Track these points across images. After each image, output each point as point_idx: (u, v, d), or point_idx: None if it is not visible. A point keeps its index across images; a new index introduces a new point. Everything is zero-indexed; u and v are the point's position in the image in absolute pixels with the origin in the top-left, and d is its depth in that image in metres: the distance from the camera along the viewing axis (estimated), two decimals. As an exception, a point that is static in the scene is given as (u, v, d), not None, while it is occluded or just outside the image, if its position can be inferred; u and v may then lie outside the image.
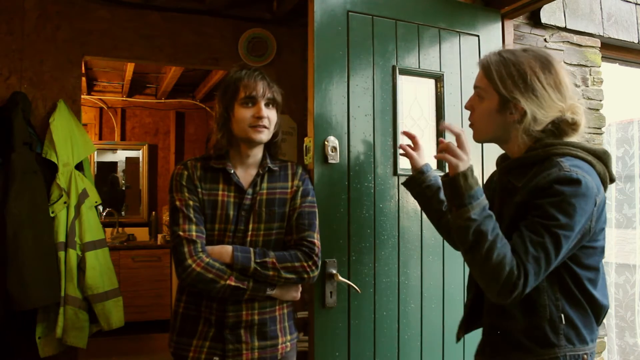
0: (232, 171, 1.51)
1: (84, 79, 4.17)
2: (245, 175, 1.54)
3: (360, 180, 1.88)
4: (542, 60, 1.26)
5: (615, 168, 2.97)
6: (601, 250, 1.25)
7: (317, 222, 1.56)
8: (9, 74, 2.56)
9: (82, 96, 3.18)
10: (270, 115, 1.52)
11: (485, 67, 1.29)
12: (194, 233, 1.43)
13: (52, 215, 2.41)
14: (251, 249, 1.46)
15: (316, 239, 1.53)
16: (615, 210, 2.98)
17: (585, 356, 1.22)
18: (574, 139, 1.27)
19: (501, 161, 1.41)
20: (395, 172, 1.96)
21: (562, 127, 1.25)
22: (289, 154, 3.16)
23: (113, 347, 3.94)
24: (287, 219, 1.53)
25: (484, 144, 2.17)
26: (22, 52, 2.58)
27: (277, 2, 2.98)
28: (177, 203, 1.47)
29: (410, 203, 2.00)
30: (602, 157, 1.25)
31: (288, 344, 1.56)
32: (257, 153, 1.56)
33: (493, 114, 1.28)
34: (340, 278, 1.79)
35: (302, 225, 1.52)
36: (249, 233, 1.49)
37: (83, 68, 2.97)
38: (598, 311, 1.24)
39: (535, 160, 1.24)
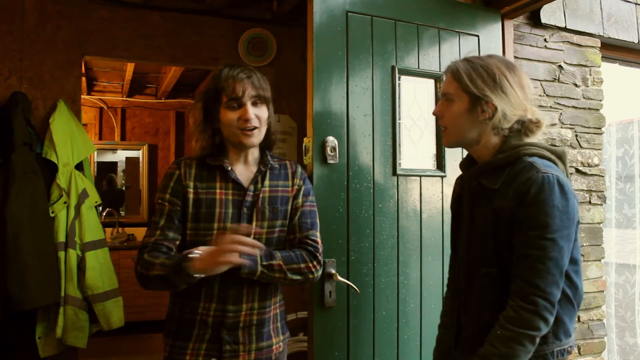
0: (230, 168, 1.46)
1: (84, 79, 4.18)
2: (245, 172, 1.50)
3: (359, 180, 1.88)
4: (507, 63, 1.34)
5: (615, 168, 2.97)
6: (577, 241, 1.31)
7: (318, 221, 1.55)
8: (9, 74, 2.56)
9: (82, 96, 3.18)
10: (260, 114, 1.44)
11: (454, 72, 1.34)
12: (152, 239, 1.41)
13: (52, 215, 2.41)
14: (257, 251, 1.41)
15: (319, 237, 1.52)
16: (615, 210, 2.98)
17: (569, 349, 1.29)
18: (537, 137, 1.34)
19: (466, 166, 1.44)
20: (394, 172, 1.96)
21: (527, 125, 1.32)
22: (289, 154, 3.16)
23: (113, 347, 3.94)
24: (289, 217, 1.51)
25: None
26: (22, 52, 2.59)
27: (277, 2, 2.98)
28: (157, 205, 1.46)
29: (409, 203, 2.00)
30: (562, 157, 1.33)
31: (281, 344, 1.53)
32: (255, 150, 1.52)
33: (464, 114, 1.33)
34: (340, 278, 1.79)
35: (305, 224, 1.51)
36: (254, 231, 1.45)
37: (83, 68, 2.97)
38: (580, 300, 1.31)
39: (506, 162, 1.29)
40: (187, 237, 1.44)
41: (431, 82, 2.10)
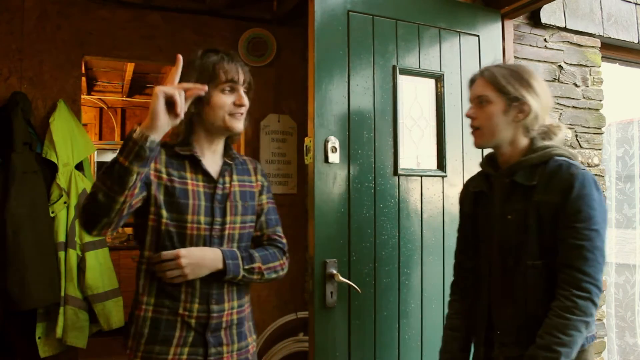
0: (201, 159, 1.38)
1: (84, 79, 4.17)
2: (212, 164, 1.42)
3: (360, 180, 1.88)
4: (532, 70, 1.46)
5: (615, 168, 2.98)
6: None
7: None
8: (9, 74, 2.56)
9: (82, 96, 3.18)
10: (248, 103, 1.41)
11: (488, 75, 1.43)
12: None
13: (52, 215, 2.41)
14: (238, 254, 1.37)
15: (282, 233, 1.53)
16: (615, 210, 2.98)
17: (595, 334, 1.41)
18: (557, 141, 1.44)
19: (488, 164, 1.51)
20: (395, 172, 1.96)
21: (550, 129, 1.43)
22: (289, 154, 3.16)
23: (113, 347, 3.94)
24: (256, 214, 1.48)
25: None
26: (22, 52, 2.58)
27: (277, 2, 2.98)
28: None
29: (410, 203, 2.00)
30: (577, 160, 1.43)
31: (254, 343, 1.48)
32: (221, 142, 1.45)
33: (500, 115, 1.41)
34: (341, 278, 1.79)
35: (271, 221, 1.51)
36: (227, 226, 1.39)
37: (83, 68, 2.97)
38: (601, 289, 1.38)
39: (539, 161, 1.38)
40: (163, 225, 1.31)
41: (432, 81, 2.10)
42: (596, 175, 2.62)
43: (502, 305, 1.41)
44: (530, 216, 1.34)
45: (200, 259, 1.31)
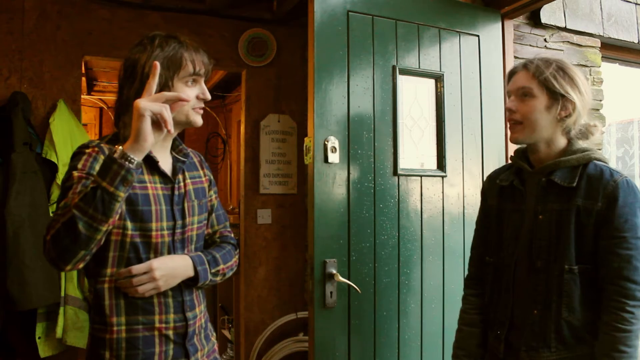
0: (158, 160, 1.26)
1: (84, 79, 4.17)
2: (164, 163, 1.30)
3: (360, 180, 1.88)
4: (575, 67, 1.39)
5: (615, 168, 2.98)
6: None
7: None
8: (9, 74, 2.56)
9: (82, 96, 3.18)
10: (210, 97, 1.31)
11: (533, 68, 1.37)
12: (64, 201, 1.13)
13: (52, 215, 2.41)
14: (205, 258, 1.31)
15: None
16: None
17: None
18: (593, 141, 1.41)
19: (522, 159, 1.46)
20: (395, 172, 1.96)
21: (587, 129, 1.39)
22: (289, 154, 3.16)
23: (113, 347, 3.93)
24: (207, 210, 1.41)
25: (484, 147, 2.17)
26: (22, 52, 2.58)
27: (277, 2, 2.98)
28: (67, 182, 1.17)
29: (410, 203, 2.00)
30: None
31: (216, 342, 1.43)
32: (173, 136, 1.33)
33: (543, 111, 1.36)
34: (341, 278, 1.79)
35: (221, 217, 1.45)
36: (187, 228, 1.29)
37: (83, 68, 2.97)
38: None
39: (578, 163, 1.35)
40: (128, 238, 1.19)
41: (432, 82, 2.10)
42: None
43: (528, 306, 1.38)
44: (568, 219, 1.31)
45: (172, 269, 1.23)
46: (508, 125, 1.44)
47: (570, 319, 1.31)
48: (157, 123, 1.10)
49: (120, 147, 1.07)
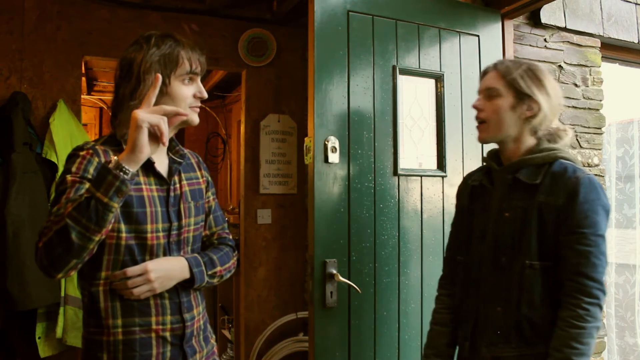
0: (154, 161, 1.25)
1: (84, 79, 4.17)
2: (160, 163, 1.29)
3: (360, 180, 1.88)
4: (546, 70, 1.42)
5: (615, 168, 2.98)
6: None
7: None
8: (9, 74, 2.56)
9: (82, 96, 3.18)
10: (207, 95, 1.31)
11: (502, 69, 1.40)
12: (56, 208, 1.13)
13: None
14: (201, 260, 1.31)
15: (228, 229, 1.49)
16: (615, 210, 2.98)
17: None
18: (562, 144, 1.41)
19: (493, 159, 1.48)
20: (395, 172, 1.96)
21: (557, 132, 1.41)
22: (289, 154, 3.16)
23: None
24: (204, 212, 1.40)
25: (484, 147, 2.17)
26: (22, 52, 2.58)
27: (277, 2, 2.98)
28: (60, 186, 1.17)
29: (410, 203, 2.00)
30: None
31: (215, 344, 1.43)
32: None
33: (507, 110, 1.38)
34: (341, 278, 1.79)
35: (219, 218, 1.44)
36: (183, 230, 1.29)
37: (83, 68, 2.97)
38: None
39: (543, 162, 1.36)
40: (123, 241, 1.18)
41: (432, 82, 2.10)
42: (596, 175, 2.62)
43: (492, 303, 1.39)
44: (531, 216, 1.32)
45: (168, 270, 1.23)
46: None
47: (531, 315, 1.31)
48: (154, 135, 1.09)
49: (116, 158, 1.07)
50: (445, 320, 1.53)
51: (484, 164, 1.55)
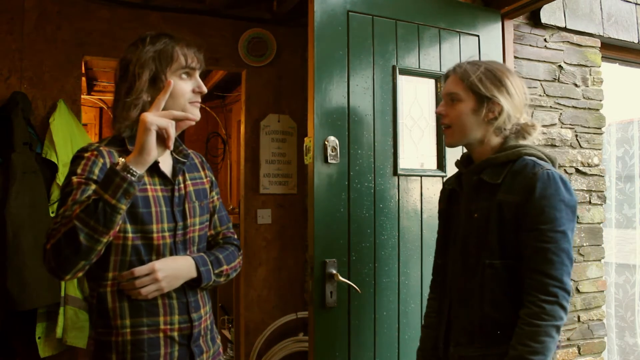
0: (158, 161, 1.24)
1: (84, 79, 4.17)
2: (164, 163, 1.28)
3: (360, 180, 1.88)
4: (508, 68, 1.42)
5: (615, 168, 2.98)
6: None
7: None
8: (9, 74, 2.56)
9: (82, 96, 3.18)
10: (206, 90, 1.30)
11: (461, 72, 1.39)
12: (62, 210, 1.13)
13: (52, 215, 2.41)
14: (207, 259, 1.31)
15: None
16: (615, 210, 2.98)
17: (559, 343, 1.33)
18: (532, 140, 1.41)
19: (464, 164, 1.48)
20: (395, 172, 1.96)
21: (524, 127, 1.39)
22: (289, 154, 3.17)
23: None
24: (209, 212, 1.41)
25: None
26: (22, 52, 2.58)
27: (277, 2, 2.98)
28: (66, 188, 1.17)
29: (410, 203, 2.00)
30: (554, 162, 1.39)
31: (221, 344, 1.43)
32: None
33: (470, 114, 1.37)
34: (341, 278, 1.79)
35: (223, 218, 1.45)
36: (189, 229, 1.29)
37: (83, 68, 2.97)
38: (569, 297, 1.37)
39: (507, 160, 1.35)
40: (129, 241, 1.19)
41: (432, 82, 2.10)
42: (596, 175, 2.62)
43: (459, 304, 1.40)
44: (492, 215, 1.31)
45: (175, 270, 1.23)
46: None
47: (495, 315, 1.30)
48: (161, 137, 1.10)
49: (123, 160, 1.07)
50: (432, 324, 1.54)
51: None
